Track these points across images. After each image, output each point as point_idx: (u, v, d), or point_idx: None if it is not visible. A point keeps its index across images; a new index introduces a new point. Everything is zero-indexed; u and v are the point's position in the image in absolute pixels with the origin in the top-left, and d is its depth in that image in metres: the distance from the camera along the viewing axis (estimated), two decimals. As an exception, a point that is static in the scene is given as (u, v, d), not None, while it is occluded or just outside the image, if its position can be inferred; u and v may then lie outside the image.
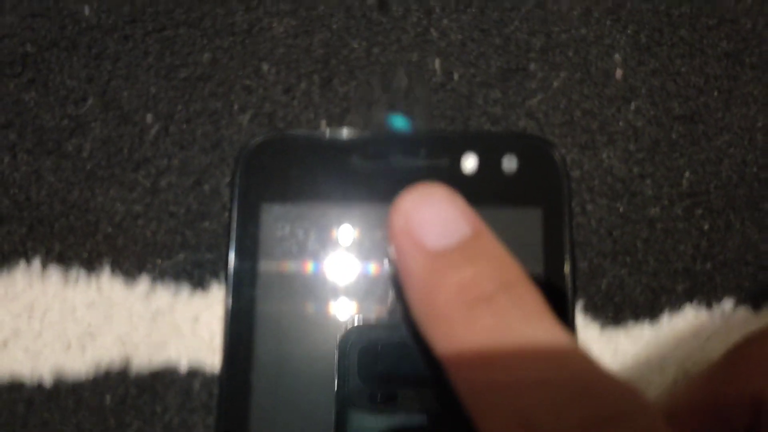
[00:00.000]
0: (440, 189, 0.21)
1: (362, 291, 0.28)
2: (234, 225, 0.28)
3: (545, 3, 0.34)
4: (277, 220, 0.29)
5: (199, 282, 0.30)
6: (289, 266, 0.28)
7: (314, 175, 0.29)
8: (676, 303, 0.31)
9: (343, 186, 0.29)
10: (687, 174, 0.32)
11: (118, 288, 0.30)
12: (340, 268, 0.28)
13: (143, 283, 0.30)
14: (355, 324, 0.27)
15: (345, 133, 0.30)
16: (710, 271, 0.31)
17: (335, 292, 0.28)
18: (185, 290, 0.30)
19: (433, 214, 0.21)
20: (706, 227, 0.31)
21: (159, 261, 0.31)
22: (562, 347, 0.18)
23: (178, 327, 0.30)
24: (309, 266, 0.28)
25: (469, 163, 0.29)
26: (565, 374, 0.17)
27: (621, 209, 0.31)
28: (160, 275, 0.30)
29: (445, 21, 0.33)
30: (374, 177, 0.29)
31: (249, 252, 0.28)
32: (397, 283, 0.26)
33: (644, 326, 0.30)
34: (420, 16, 0.33)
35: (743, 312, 0.31)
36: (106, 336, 0.30)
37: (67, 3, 0.33)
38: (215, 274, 0.31)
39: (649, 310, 0.30)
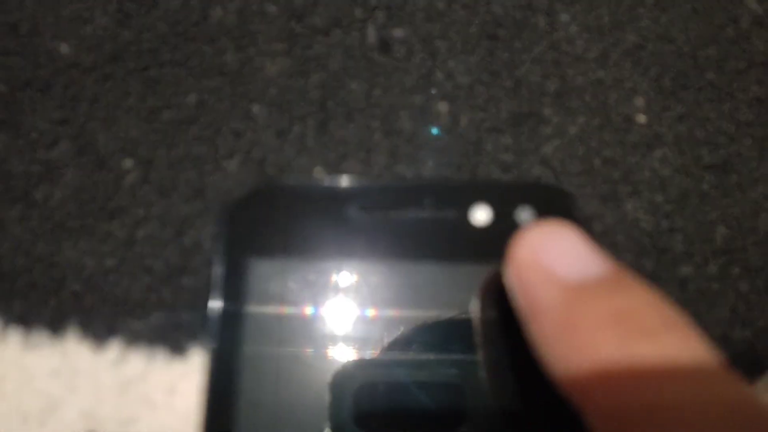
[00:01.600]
0: (569, 224, 0.19)
1: (362, 364, 0.25)
2: (218, 283, 0.25)
3: (559, 44, 0.31)
4: (267, 278, 0.25)
5: (176, 347, 0.27)
6: (281, 332, 0.25)
7: (307, 228, 0.26)
8: (714, 374, 0.27)
9: (339, 240, 0.26)
10: (721, 228, 0.29)
11: (84, 353, 0.27)
12: (340, 336, 0.25)
13: (113, 347, 0.27)
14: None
15: (342, 181, 0.27)
16: (750, 338, 0.28)
17: (335, 367, 0.24)
18: (160, 356, 0.27)
19: (567, 248, 0.18)
20: (744, 288, 0.28)
21: (132, 322, 0.27)
22: (749, 400, 0.15)
23: (150, 399, 0.26)
24: (303, 334, 0.25)
25: (479, 215, 0.26)
26: (741, 404, 0.15)
27: (649, 267, 0.28)
28: (132, 339, 0.27)
29: (451, 62, 0.31)
30: (374, 230, 0.26)
31: (234, 314, 0.25)
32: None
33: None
34: (424, 57, 0.31)
35: (789, 385, 0.27)
36: (70, 409, 0.26)
37: (43, 40, 0.31)
38: (195, 338, 0.27)
39: (684, 382, 0.27)
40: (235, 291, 0.25)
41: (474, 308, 0.25)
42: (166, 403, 0.26)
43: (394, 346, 0.25)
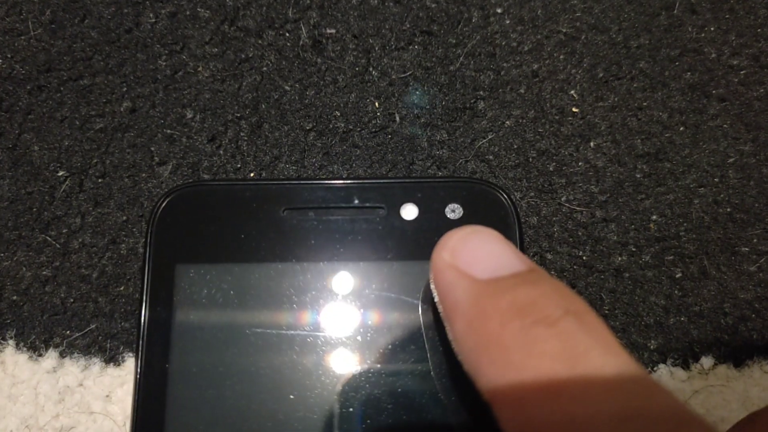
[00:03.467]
0: (488, 228, 0.20)
1: (292, 361, 0.25)
2: (145, 289, 0.25)
3: (493, 37, 0.31)
4: (195, 283, 0.25)
5: (111, 356, 0.27)
6: (209, 336, 0.25)
7: (237, 229, 0.26)
8: (649, 363, 0.27)
9: (267, 241, 0.26)
10: (654, 217, 0.29)
11: (22, 364, 0.27)
12: (268, 336, 0.25)
13: (50, 357, 0.27)
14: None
15: (271, 181, 0.27)
16: (685, 324, 0.28)
17: (262, 364, 0.25)
18: (96, 365, 0.27)
19: (483, 249, 0.19)
20: (678, 275, 0.28)
21: (68, 333, 0.27)
22: (639, 378, 0.15)
23: (88, 406, 0.27)
24: (231, 337, 0.25)
25: (409, 212, 0.26)
26: (649, 409, 0.15)
27: (584, 258, 0.28)
28: (69, 348, 0.27)
29: (384, 59, 0.31)
30: (305, 230, 0.26)
31: (163, 321, 0.25)
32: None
33: (612, 391, 0.27)
34: (357, 55, 0.31)
35: (724, 370, 0.27)
36: (11, 419, 0.27)
37: (-22, 53, 0.31)
38: (130, 346, 0.27)
39: (617, 371, 0.27)
40: (162, 296, 0.25)
41: (420, 307, 0.25)
42: (102, 409, 0.26)
43: (329, 350, 0.25)
